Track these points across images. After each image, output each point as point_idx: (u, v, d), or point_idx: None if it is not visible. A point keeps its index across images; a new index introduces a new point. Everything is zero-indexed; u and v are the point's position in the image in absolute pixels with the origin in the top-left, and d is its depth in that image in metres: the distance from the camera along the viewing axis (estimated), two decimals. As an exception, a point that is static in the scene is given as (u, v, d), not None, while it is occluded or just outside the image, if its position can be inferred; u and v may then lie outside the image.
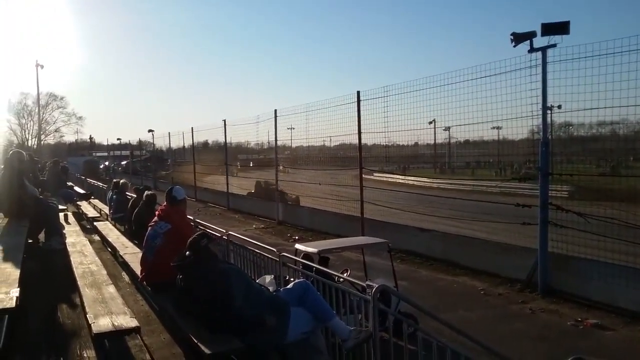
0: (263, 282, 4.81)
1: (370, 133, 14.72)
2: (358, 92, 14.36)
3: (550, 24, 9.12)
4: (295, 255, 6.86)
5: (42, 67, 52.68)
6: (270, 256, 5.82)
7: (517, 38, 9.55)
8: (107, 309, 3.82)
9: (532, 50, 9.52)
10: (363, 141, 14.83)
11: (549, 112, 9.90)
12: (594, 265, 8.86)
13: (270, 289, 4.49)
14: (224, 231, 7.09)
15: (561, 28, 9.09)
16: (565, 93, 9.36)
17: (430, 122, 14.54)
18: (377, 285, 4.09)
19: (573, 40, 9.17)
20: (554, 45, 9.24)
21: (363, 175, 14.98)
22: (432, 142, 19.85)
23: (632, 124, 11.13)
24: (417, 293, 8.89)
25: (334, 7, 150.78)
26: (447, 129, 16.76)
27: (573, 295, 8.98)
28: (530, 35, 9.43)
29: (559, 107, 10.34)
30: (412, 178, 21.65)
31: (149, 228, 5.33)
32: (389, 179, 21.45)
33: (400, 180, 21.35)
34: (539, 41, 9.36)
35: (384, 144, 15.08)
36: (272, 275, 5.24)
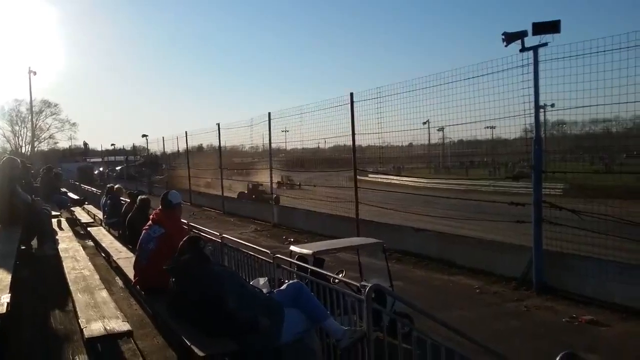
0: (257, 284, 4.78)
1: (364, 134, 14.74)
2: (351, 94, 14.39)
3: (541, 23, 9.15)
4: (290, 257, 6.84)
5: (34, 73, 52.80)
6: (264, 258, 5.80)
7: (509, 38, 9.58)
8: (100, 314, 3.81)
9: (523, 49, 9.56)
10: (357, 142, 14.83)
11: (541, 110, 9.95)
12: (588, 262, 8.91)
13: (264, 291, 4.47)
14: (218, 234, 7.06)
15: (552, 27, 9.12)
16: (558, 92, 9.44)
17: (424, 123, 14.54)
18: (370, 285, 4.08)
19: (564, 39, 9.21)
20: (545, 44, 9.28)
21: (358, 177, 14.99)
22: (427, 142, 19.91)
23: (625, 121, 11.12)
24: (412, 293, 8.90)
25: (327, 9, 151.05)
26: (441, 129, 16.78)
27: (568, 292, 9.01)
28: (521, 35, 9.46)
29: (552, 105, 10.36)
30: (407, 178, 21.69)
31: (143, 232, 5.31)
32: (384, 180, 21.46)
33: (395, 181, 21.39)
34: (530, 40, 9.41)
35: (379, 145, 15.08)
36: (266, 278, 5.22)
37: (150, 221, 5.39)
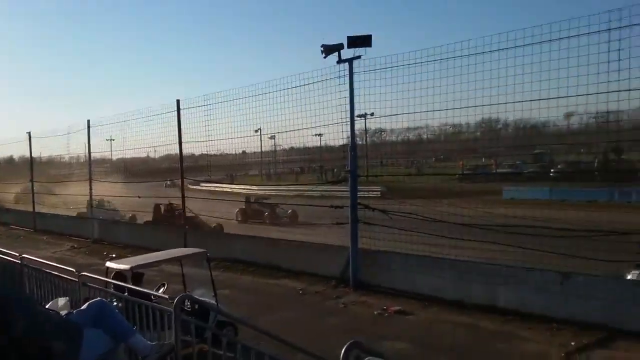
0: (55, 305, 4.42)
1: (194, 142, 14.44)
2: (178, 101, 14.08)
3: (355, 37, 9.77)
4: (106, 274, 6.43)
5: None
6: (69, 277, 5.38)
7: (327, 50, 10.09)
8: None
9: (340, 61, 10.15)
10: (189, 151, 14.55)
11: (362, 118, 10.69)
12: (395, 257, 9.79)
13: (64, 312, 4.14)
14: (17, 254, 6.37)
15: (364, 41, 9.80)
16: (375, 101, 10.15)
17: (256, 131, 14.74)
18: (178, 297, 4.01)
19: (385, 52, 9.91)
20: (358, 57, 9.97)
21: (190, 186, 14.68)
22: (259, 150, 20.14)
23: (433, 128, 12.31)
24: (239, 299, 8.97)
25: (154, 16, 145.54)
26: (272, 136, 17.13)
27: (380, 287, 9.81)
28: (338, 48, 10.01)
29: (372, 114, 11.09)
30: (239, 186, 21.82)
31: None
32: (217, 189, 21.32)
33: (227, 189, 21.38)
34: (347, 53, 10.03)
35: (212, 153, 14.90)
36: (67, 298, 4.84)
37: None
